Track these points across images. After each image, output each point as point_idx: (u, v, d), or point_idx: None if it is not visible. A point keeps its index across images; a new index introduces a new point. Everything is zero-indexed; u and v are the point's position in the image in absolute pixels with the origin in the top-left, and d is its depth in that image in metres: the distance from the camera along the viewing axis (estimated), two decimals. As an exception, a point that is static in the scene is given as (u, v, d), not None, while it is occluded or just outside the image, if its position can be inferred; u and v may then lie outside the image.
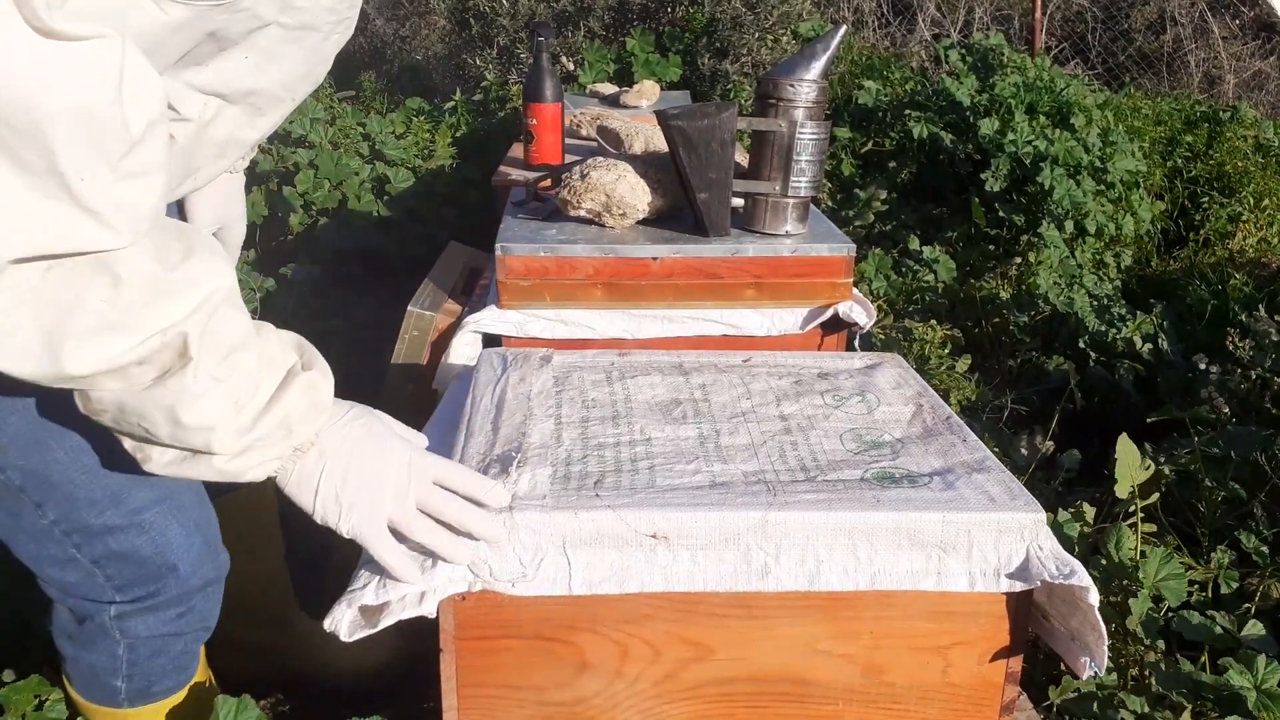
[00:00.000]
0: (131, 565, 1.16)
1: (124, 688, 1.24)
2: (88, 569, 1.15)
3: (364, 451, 0.99)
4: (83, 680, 1.25)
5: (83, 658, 1.23)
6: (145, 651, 1.22)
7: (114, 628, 1.20)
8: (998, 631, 1.06)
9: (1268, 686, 1.33)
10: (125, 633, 1.20)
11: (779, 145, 1.65)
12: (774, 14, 4.31)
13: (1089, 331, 2.89)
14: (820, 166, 1.69)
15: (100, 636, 1.21)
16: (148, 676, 1.24)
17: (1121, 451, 1.53)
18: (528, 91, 2.25)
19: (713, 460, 1.11)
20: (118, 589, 1.17)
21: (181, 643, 1.25)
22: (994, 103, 3.77)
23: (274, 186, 3.26)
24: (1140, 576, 1.49)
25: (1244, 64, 6.66)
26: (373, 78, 5.54)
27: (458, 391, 1.36)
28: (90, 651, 1.22)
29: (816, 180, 1.68)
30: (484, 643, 1.03)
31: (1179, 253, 3.90)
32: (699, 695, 1.07)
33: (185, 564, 1.19)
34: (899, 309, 3.14)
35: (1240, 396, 2.25)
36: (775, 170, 1.67)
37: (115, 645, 1.21)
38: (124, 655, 1.22)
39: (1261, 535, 1.80)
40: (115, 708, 1.26)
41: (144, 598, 1.19)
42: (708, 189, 1.63)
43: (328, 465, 0.98)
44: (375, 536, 0.98)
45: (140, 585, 1.18)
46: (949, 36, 6.37)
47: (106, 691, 1.24)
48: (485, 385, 1.28)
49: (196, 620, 1.25)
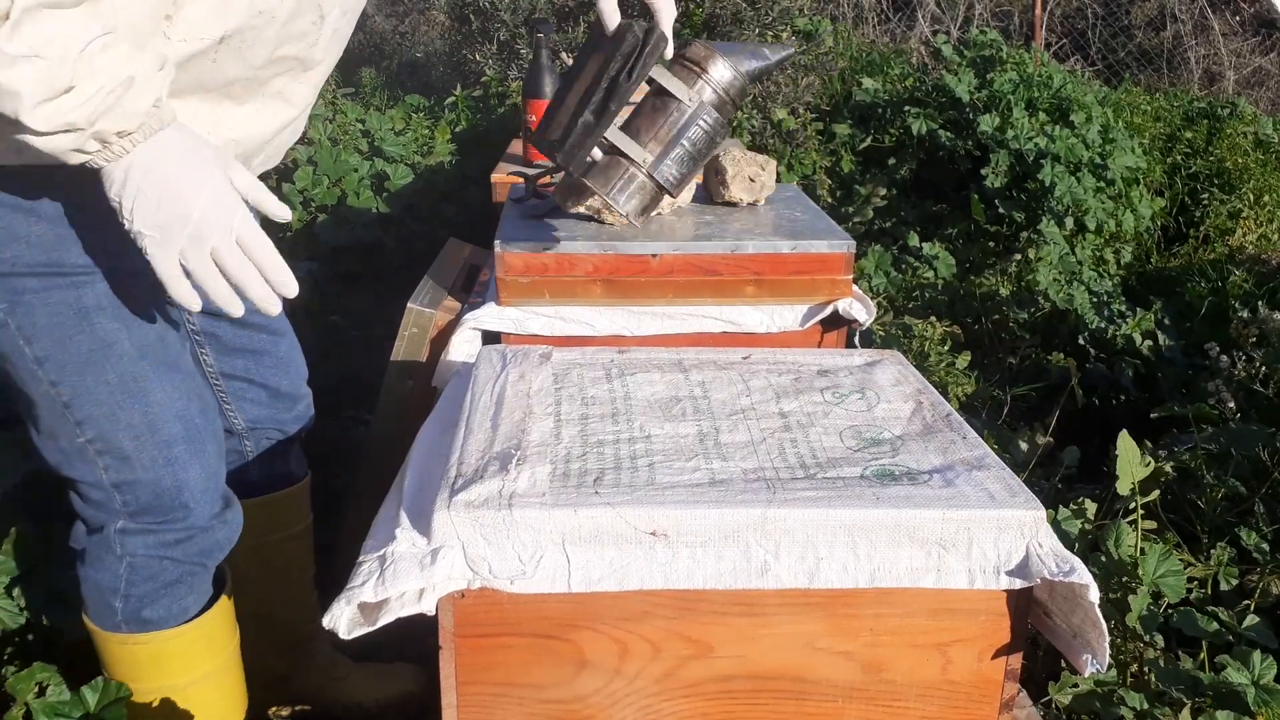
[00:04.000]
0: (149, 494, 1.25)
1: (120, 608, 1.31)
2: (108, 490, 1.24)
3: (178, 180, 1.04)
4: (91, 601, 1.33)
5: (90, 576, 1.31)
6: (143, 573, 1.29)
7: (116, 542, 1.28)
8: (997, 628, 1.06)
9: (1265, 682, 1.34)
10: (125, 548, 1.28)
11: (675, 117, 1.39)
12: (774, 9, 4.30)
13: (1089, 328, 2.89)
14: (694, 167, 1.43)
15: (104, 552, 1.29)
16: (141, 599, 1.31)
17: (1122, 449, 1.53)
18: (527, 87, 2.25)
19: (712, 458, 1.11)
20: (131, 514, 1.26)
21: (178, 570, 1.31)
22: (993, 99, 3.77)
23: (273, 183, 3.26)
24: (1139, 573, 1.49)
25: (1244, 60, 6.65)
26: (372, 74, 5.53)
27: (457, 389, 1.36)
28: (96, 569, 1.30)
29: (683, 178, 1.42)
30: (483, 640, 1.03)
31: (1179, 249, 3.90)
32: (698, 693, 1.07)
33: (197, 503, 1.28)
34: (899, 306, 3.14)
35: (1246, 389, 2.25)
36: (655, 142, 1.40)
37: (117, 563, 1.29)
38: (124, 574, 1.29)
39: (1262, 532, 1.80)
40: (115, 631, 1.32)
41: (151, 525, 1.27)
42: (599, 116, 1.37)
43: (141, 185, 1.03)
44: (169, 269, 1.06)
45: (151, 515, 1.27)
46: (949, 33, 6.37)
47: (108, 612, 1.32)
48: (484, 382, 1.28)
49: (195, 551, 1.31)
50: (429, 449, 1.21)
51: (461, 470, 1.05)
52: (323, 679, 1.69)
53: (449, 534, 0.99)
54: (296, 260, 2.98)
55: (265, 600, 1.59)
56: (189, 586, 1.33)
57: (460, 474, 1.05)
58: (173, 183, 1.04)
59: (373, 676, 1.72)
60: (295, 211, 3.20)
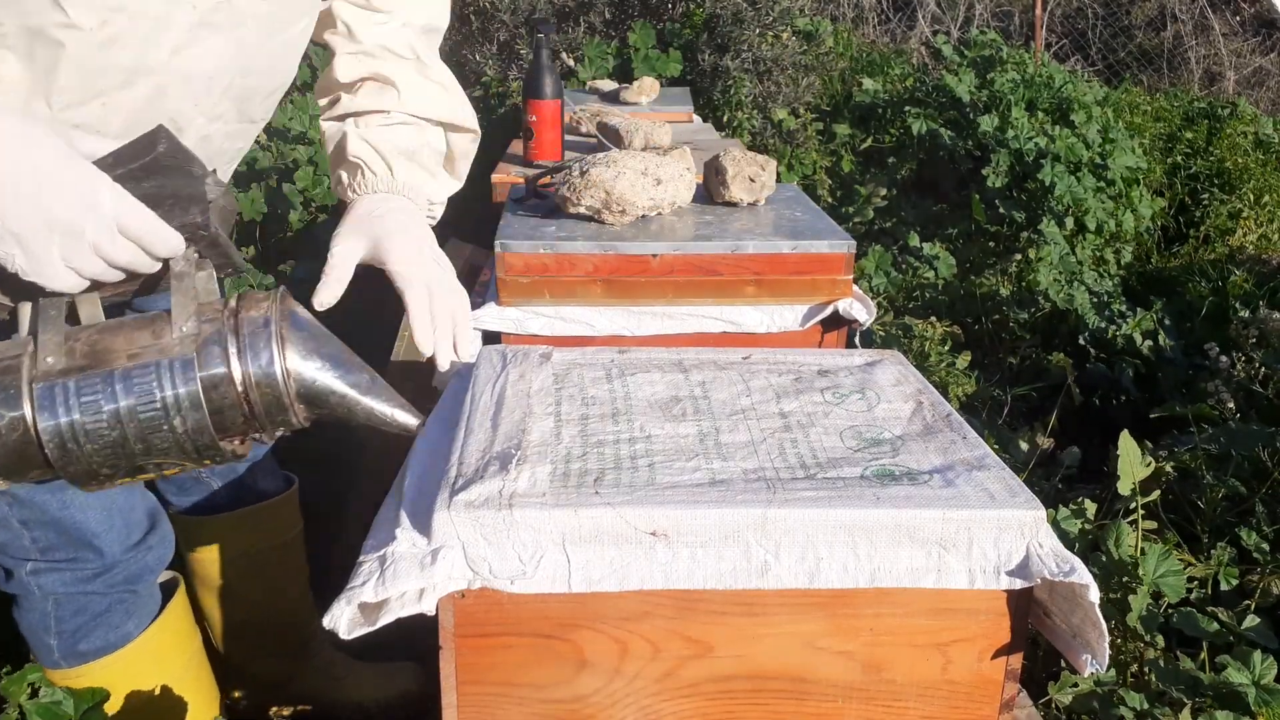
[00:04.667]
0: (55, 532, 1.22)
1: (56, 645, 1.30)
2: (16, 529, 1.22)
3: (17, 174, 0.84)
4: (30, 643, 1.32)
5: (21, 619, 1.30)
6: (69, 608, 1.28)
7: (31, 583, 1.26)
8: (998, 628, 1.06)
9: (1266, 682, 1.33)
10: (43, 587, 1.26)
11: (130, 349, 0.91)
12: (775, 9, 4.30)
13: (1089, 328, 2.89)
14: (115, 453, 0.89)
15: (25, 593, 1.27)
16: (74, 634, 1.29)
17: (1124, 449, 1.53)
18: (527, 88, 2.24)
19: (712, 458, 1.11)
20: (41, 550, 1.24)
21: (105, 601, 1.30)
22: (993, 99, 3.77)
23: (274, 183, 3.26)
24: (1140, 573, 1.49)
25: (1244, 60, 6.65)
26: (372, 74, 5.52)
27: (457, 388, 1.36)
28: (26, 611, 1.29)
29: (80, 445, 0.86)
30: (483, 640, 1.03)
31: (1179, 249, 3.89)
32: (698, 693, 1.07)
33: (104, 543, 1.26)
34: (899, 306, 3.14)
35: (1246, 389, 2.25)
36: (70, 355, 0.91)
37: (42, 601, 1.27)
38: (51, 611, 1.28)
39: (1262, 532, 1.80)
40: (55, 668, 1.31)
41: (62, 563, 1.25)
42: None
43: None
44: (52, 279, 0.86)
45: (61, 551, 1.24)
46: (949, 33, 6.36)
47: (45, 650, 1.31)
48: (485, 382, 1.28)
49: (119, 581, 1.30)
50: (429, 449, 1.20)
51: (462, 470, 1.05)
52: (323, 679, 1.69)
53: (449, 534, 0.99)
54: (296, 260, 2.98)
55: (260, 607, 1.58)
56: (124, 613, 1.31)
57: (460, 474, 1.05)
58: (14, 178, 0.83)
59: (373, 675, 1.72)
60: (295, 211, 3.20)
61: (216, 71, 1.06)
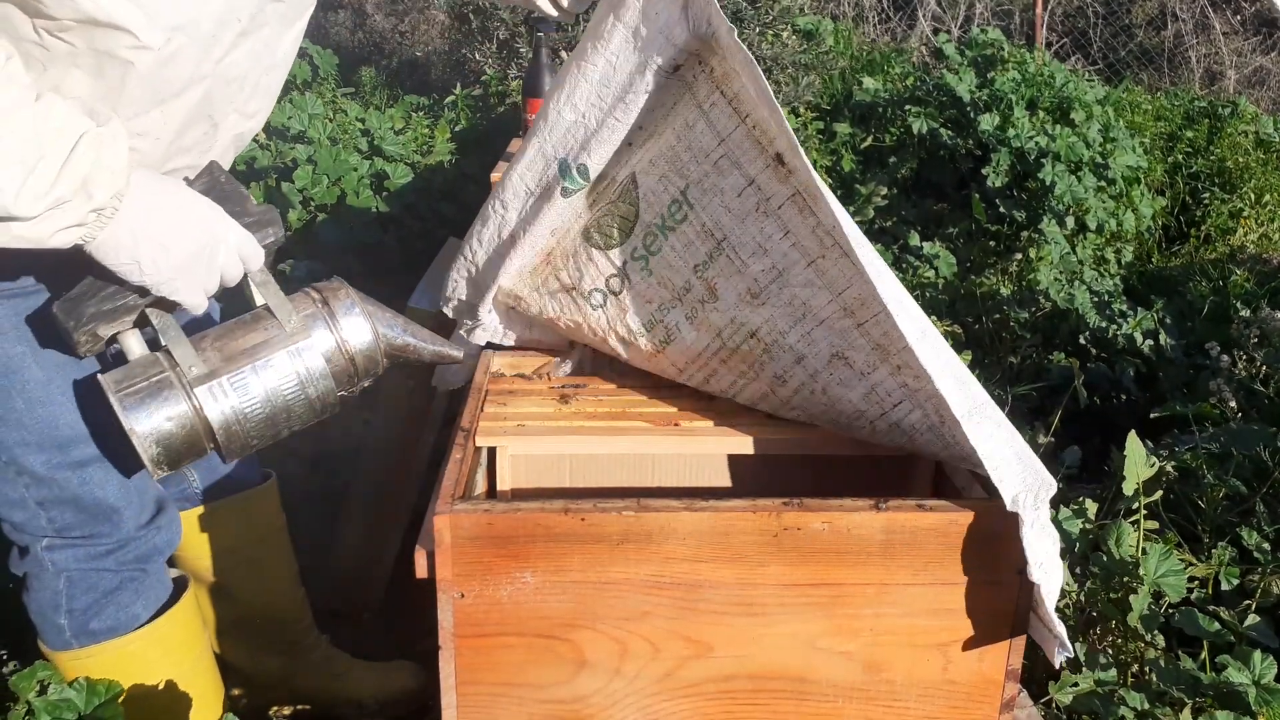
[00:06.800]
0: (73, 510, 1.25)
1: (66, 624, 1.32)
2: (33, 510, 1.25)
3: (182, 222, 1.06)
4: (40, 626, 1.34)
5: (32, 601, 1.32)
6: (80, 585, 1.30)
7: (46, 559, 1.28)
8: (998, 628, 1.06)
9: (1266, 682, 1.33)
10: (56, 563, 1.29)
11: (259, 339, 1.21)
12: (775, 8, 4.30)
13: (1090, 328, 2.88)
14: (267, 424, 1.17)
15: (39, 571, 1.30)
16: (85, 612, 1.31)
17: (1130, 449, 1.52)
18: (527, 86, 2.24)
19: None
20: (57, 530, 1.27)
21: (116, 579, 1.31)
22: (994, 98, 3.77)
23: (272, 182, 3.25)
24: (1140, 573, 1.48)
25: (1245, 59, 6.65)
26: (372, 73, 5.52)
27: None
28: (37, 591, 1.31)
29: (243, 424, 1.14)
30: (483, 640, 1.03)
31: (1180, 249, 3.89)
32: (698, 693, 1.06)
33: (120, 517, 1.28)
34: (899, 305, 3.12)
35: (1247, 389, 2.25)
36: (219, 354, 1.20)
37: (54, 579, 1.30)
38: (63, 589, 1.30)
39: (1263, 532, 1.79)
40: (65, 648, 1.33)
41: (78, 539, 1.28)
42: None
43: (141, 231, 1.03)
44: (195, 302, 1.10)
45: (77, 530, 1.27)
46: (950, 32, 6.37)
47: (55, 631, 1.32)
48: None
49: (130, 559, 1.31)
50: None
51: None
52: (322, 677, 1.69)
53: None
54: (296, 260, 2.98)
55: (251, 602, 1.58)
56: (134, 593, 1.33)
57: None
58: (168, 225, 1.05)
59: (372, 673, 1.72)
60: (295, 211, 3.20)
61: (249, 71, 1.15)
